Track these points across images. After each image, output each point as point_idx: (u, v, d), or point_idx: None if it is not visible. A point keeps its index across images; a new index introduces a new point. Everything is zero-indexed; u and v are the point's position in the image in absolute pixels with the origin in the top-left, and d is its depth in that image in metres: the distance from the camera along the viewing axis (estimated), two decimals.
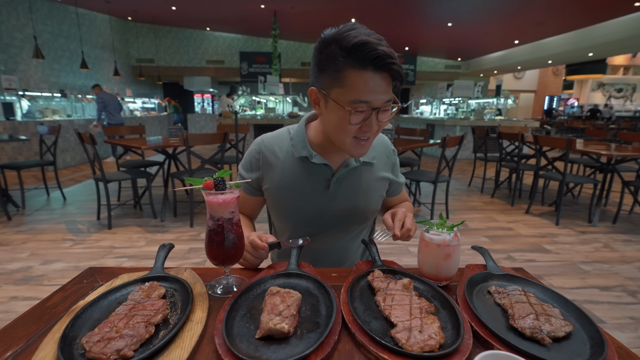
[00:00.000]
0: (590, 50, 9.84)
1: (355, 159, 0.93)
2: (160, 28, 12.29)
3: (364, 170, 0.96)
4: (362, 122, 0.76)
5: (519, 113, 16.25)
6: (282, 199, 0.95)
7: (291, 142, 0.94)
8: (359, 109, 0.74)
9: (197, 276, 0.75)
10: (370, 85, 0.72)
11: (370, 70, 0.71)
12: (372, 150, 0.97)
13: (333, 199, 0.94)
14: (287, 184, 0.93)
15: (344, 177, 0.94)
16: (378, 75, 0.72)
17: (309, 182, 0.93)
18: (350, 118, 0.75)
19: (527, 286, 0.71)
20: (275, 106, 8.88)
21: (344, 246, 1.02)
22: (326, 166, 0.92)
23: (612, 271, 2.47)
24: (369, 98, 0.73)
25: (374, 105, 0.74)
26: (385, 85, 0.73)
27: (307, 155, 0.90)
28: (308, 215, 0.95)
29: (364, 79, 0.71)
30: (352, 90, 0.73)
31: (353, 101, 0.73)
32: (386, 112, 0.78)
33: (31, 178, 5.26)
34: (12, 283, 2.24)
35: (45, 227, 3.22)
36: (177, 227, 3.24)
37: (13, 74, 6.89)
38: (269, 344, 0.54)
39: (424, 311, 0.60)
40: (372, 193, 0.98)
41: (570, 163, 4.46)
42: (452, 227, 0.74)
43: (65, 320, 0.58)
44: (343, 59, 0.71)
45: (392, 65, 0.71)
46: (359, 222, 1.01)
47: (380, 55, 0.69)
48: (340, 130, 0.80)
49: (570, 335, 0.56)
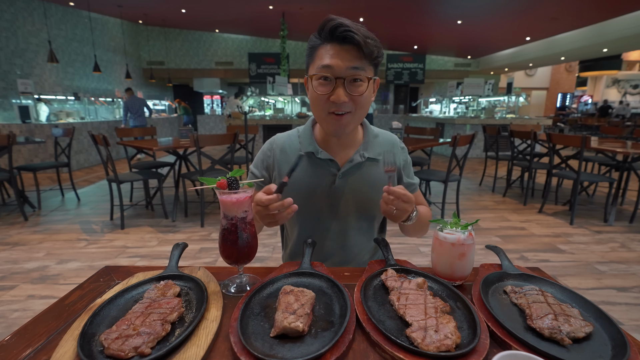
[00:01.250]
0: (605, 46, 9.62)
1: (360, 155, 0.94)
2: (170, 31, 12.45)
3: (369, 166, 0.97)
4: (328, 92, 0.81)
5: (530, 111, 15.97)
6: (290, 194, 0.95)
7: (299, 140, 0.98)
8: (323, 74, 0.80)
9: (210, 275, 0.75)
10: (331, 53, 0.79)
11: (334, 42, 0.78)
12: (378, 147, 0.98)
13: (339, 193, 0.95)
14: (294, 179, 0.94)
15: (349, 173, 0.95)
16: (343, 47, 0.78)
17: (316, 177, 0.95)
18: (314, 86, 0.82)
19: (544, 286, 0.70)
20: (284, 107, 8.92)
21: (353, 243, 1.02)
22: (332, 161, 0.93)
23: (629, 272, 2.41)
24: (332, 63, 0.78)
25: (337, 73, 0.79)
26: (350, 56, 0.78)
27: (313, 150, 0.93)
28: (316, 210, 0.97)
29: (327, 49, 0.79)
30: (319, 59, 0.81)
31: (318, 68, 0.81)
32: (357, 84, 0.80)
33: (47, 179, 5.38)
34: (29, 282, 2.30)
35: (60, 228, 3.29)
36: (188, 227, 3.28)
37: (29, 78, 7.06)
38: (283, 343, 0.54)
39: (439, 310, 0.59)
40: (376, 190, 0.96)
41: (585, 161, 4.37)
42: (466, 225, 0.73)
43: (84, 317, 0.59)
44: (316, 39, 0.82)
45: (350, 33, 0.75)
46: (366, 218, 1.01)
47: (337, 25, 0.76)
48: (315, 105, 0.85)
49: (591, 336, 0.55)
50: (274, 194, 0.73)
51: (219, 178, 0.69)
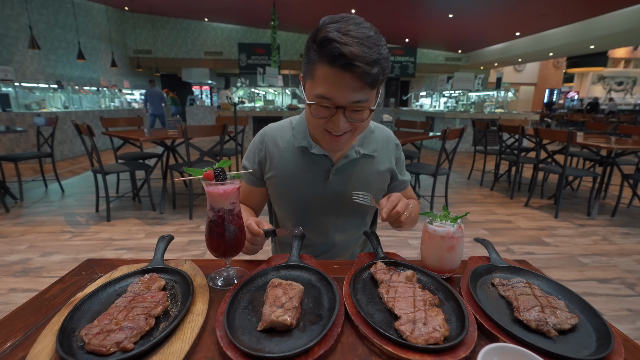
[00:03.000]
0: (592, 43, 9.77)
1: (355, 151, 0.92)
2: (157, 19, 12.13)
3: (364, 163, 0.95)
4: (326, 117, 0.75)
5: (519, 106, 16.19)
6: (283, 188, 0.95)
7: (292, 132, 0.94)
8: (322, 104, 0.73)
9: (197, 268, 0.74)
10: (333, 82, 0.70)
11: (336, 68, 0.68)
12: (374, 143, 0.96)
13: (332, 189, 0.94)
14: (287, 173, 0.93)
15: (344, 169, 0.93)
16: (345, 74, 0.68)
17: (309, 172, 0.92)
18: (312, 110, 0.75)
19: (531, 278, 0.70)
20: (275, 98, 8.82)
21: (343, 238, 1.02)
22: (325, 157, 0.91)
23: (610, 264, 2.48)
24: (332, 95, 0.71)
25: (338, 103, 0.72)
26: (354, 84, 0.69)
27: (306, 145, 0.90)
28: (308, 205, 0.95)
29: (327, 75, 0.70)
30: (319, 84, 0.72)
31: (317, 95, 0.73)
32: (359, 112, 0.75)
33: (29, 170, 5.22)
34: (11, 275, 2.23)
35: (43, 219, 3.21)
36: (176, 220, 3.23)
37: (9, 65, 6.80)
38: (271, 337, 0.53)
39: (427, 303, 0.59)
40: (372, 186, 0.97)
41: (570, 156, 4.45)
42: (455, 218, 0.73)
43: (64, 312, 0.57)
44: (315, 52, 0.71)
45: (354, 67, 0.66)
46: (358, 215, 1.01)
47: (341, 55, 0.66)
48: (310, 121, 0.82)
49: (576, 328, 0.56)
50: (262, 231, 0.75)
51: (206, 169, 0.67)
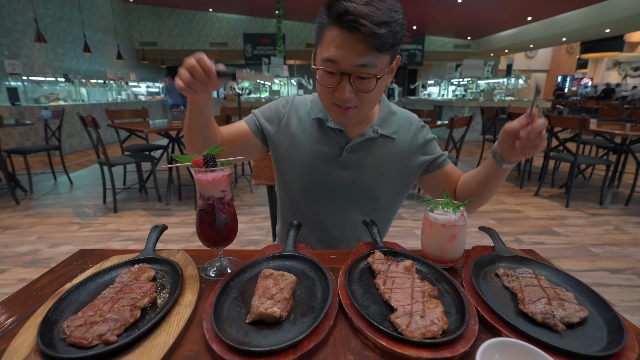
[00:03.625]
0: (607, 27, 9.42)
1: (373, 130, 0.87)
2: (162, 10, 12.08)
3: (381, 144, 0.89)
4: (332, 86, 0.72)
5: (529, 93, 15.80)
6: (292, 159, 0.91)
7: (310, 105, 0.92)
8: (328, 69, 0.70)
9: (189, 258, 0.72)
10: (338, 43, 0.67)
11: (342, 28, 0.65)
12: (394, 124, 0.90)
13: (344, 168, 0.89)
14: (303, 144, 0.89)
15: (359, 148, 0.88)
16: (350, 35, 0.65)
17: (322, 146, 0.89)
18: (319, 78, 0.74)
19: (538, 268, 0.67)
20: (280, 89, 8.75)
21: (354, 220, 0.96)
22: (341, 132, 0.87)
23: (623, 254, 2.41)
24: (337, 57, 0.68)
25: (342, 68, 0.69)
26: (359, 46, 0.66)
27: (323, 117, 0.87)
28: (315, 183, 0.91)
29: (334, 37, 0.67)
30: (325, 47, 0.70)
31: (323, 59, 0.71)
32: (365, 81, 0.71)
33: (38, 163, 5.30)
34: (20, 265, 2.27)
35: (52, 211, 3.25)
36: (182, 210, 3.24)
37: (17, 59, 6.85)
38: (259, 329, 0.50)
39: (426, 295, 0.56)
40: (386, 169, 0.91)
41: (583, 144, 4.33)
42: (458, 206, 0.69)
43: (49, 303, 0.56)
44: (324, 15, 0.69)
45: (360, 25, 0.63)
46: (368, 198, 0.94)
47: (346, 11, 0.63)
48: (320, 93, 0.79)
49: (586, 321, 0.52)
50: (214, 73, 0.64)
51: (195, 156, 0.64)
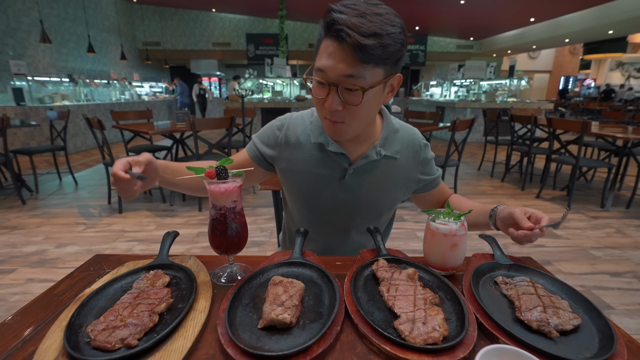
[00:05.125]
0: (611, 28, 9.40)
1: (376, 152, 0.86)
2: (165, 10, 12.12)
3: (385, 165, 0.89)
4: (322, 96, 0.73)
5: (532, 94, 15.77)
6: (297, 182, 0.92)
7: (310, 127, 0.90)
8: (318, 79, 0.72)
9: (201, 264, 0.75)
10: (328, 53, 0.69)
11: (331, 38, 0.67)
12: (397, 144, 0.89)
13: (347, 190, 0.89)
14: (302, 167, 0.90)
15: (362, 170, 0.88)
16: (339, 45, 0.67)
17: (325, 170, 0.88)
18: (312, 88, 0.75)
19: (535, 277, 0.70)
20: (283, 89, 8.77)
21: (355, 239, 0.99)
22: (343, 155, 0.86)
23: (623, 257, 2.43)
24: (325, 67, 0.69)
25: (330, 78, 0.69)
26: (345, 56, 0.67)
27: (323, 142, 0.86)
28: (321, 203, 0.92)
29: (325, 47, 0.69)
30: (319, 57, 0.72)
31: (315, 69, 0.73)
32: (352, 93, 0.70)
33: (44, 163, 5.35)
34: (28, 265, 2.31)
35: (58, 211, 3.30)
36: (186, 211, 3.28)
37: (22, 59, 6.91)
38: (271, 334, 0.54)
39: (428, 302, 0.59)
40: (390, 190, 0.92)
41: (585, 146, 4.34)
42: (459, 216, 0.72)
43: (72, 308, 0.59)
44: (321, 27, 0.71)
45: (344, 33, 0.64)
46: (372, 218, 0.96)
47: (333, 21, 0.65)
48: (315, 105, 0.81)
49: (579, 329, 0.55)
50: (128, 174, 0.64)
51: (207, 167, 0.67)
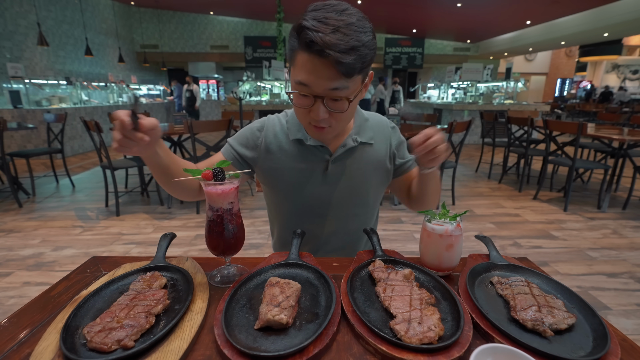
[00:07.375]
0: (606, 30, 9.48)
1: (352, 139, 0.91)
2: (163, 13, 12.14)
3: (362, 151, 0.94)
4: (307, 107, 0.75)
5: (529, 96, 15.88)
6: (281, 182, 0.94)
7: (286, 125, 0.94)
8: (301, 92, 0.73)
9: (198, 266, 0.75)
10: (309, 69, 0.70)
11: (311, 54, 0.68)
12: (369, 130, 0.95)
13: (332, 180, 0.93)
14: (285, 165, 0.92)
15: (342, 158, 0.92)
16: (320, 61, 0.68)
17: (307, 165, 0.92)
18: (294, 99, 0.77)
19: (530, 277, 0.70)
20: (281, 92, 8.79)
21: (348, 230, 1.00)
22: (322, 147, 0.90)
23: (620, 258, 2.44)
24: (309, 82, 0.71)
25: (315, 91, 0.72)
26: (329, 72, 0.68)
27: (302, 137, 0.90)
28: (308, 197, 0.94)
29: (304, 62, 0.70)
30: (298, 71, 0.72)
31: (296, 82, 0.73)
32: (338, 102, 0.74)
33: (40, 166, 5.33)
34: (24, 269, 2.30)
35: (55, 214, 3.28)
36: (184, 214, 3.28)
37: (19, 62, 6.90)
38: (267, 335, 0.54)
39: (424, 302, 0.59)
40: (370, 174, 0.96)
41: (581, 148, 4.37)
42: (454, 217, 0.73)
43: (68, 310, 0.59)
44: (294, 39, 0.71)
45: (324, 53, 0.66)
46: (362, 204, 0.99)
47: (312, 42, 0.66)
48: (296, 112, 0.82)
49: (573, 328, 0.55)
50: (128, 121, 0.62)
51: (204, 169, 0.67)
